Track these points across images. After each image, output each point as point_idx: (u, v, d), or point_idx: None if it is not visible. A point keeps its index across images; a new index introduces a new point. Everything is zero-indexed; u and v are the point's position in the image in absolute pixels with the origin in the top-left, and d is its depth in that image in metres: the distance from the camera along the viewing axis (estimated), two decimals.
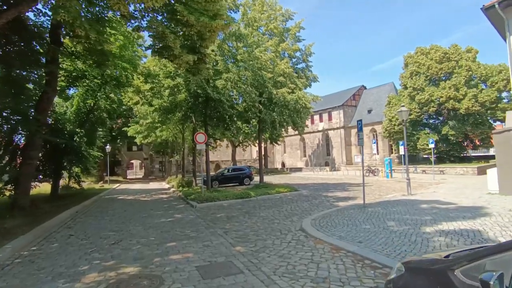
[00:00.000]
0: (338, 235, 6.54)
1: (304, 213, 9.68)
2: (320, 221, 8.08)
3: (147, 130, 24.79)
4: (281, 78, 15.17)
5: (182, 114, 16.06)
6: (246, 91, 13.63)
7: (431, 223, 7.07)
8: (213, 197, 13.17)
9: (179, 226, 8.47)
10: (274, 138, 19.49)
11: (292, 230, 7.39)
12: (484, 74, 29.35)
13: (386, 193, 14.31)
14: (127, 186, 29.71)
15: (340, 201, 12.02)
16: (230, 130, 18.03)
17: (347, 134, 43.69)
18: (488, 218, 7.17)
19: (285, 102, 15.25)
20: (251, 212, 10.22)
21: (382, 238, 6.11)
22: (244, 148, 46.53)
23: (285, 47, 16.51)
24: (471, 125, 29.00)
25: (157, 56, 8.65)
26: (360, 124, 9.91)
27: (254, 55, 14.25)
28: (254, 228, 7.75)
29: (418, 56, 32.34)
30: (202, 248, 6.03)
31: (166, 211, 11.39)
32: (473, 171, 23.67)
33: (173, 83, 14.11)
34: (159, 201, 15.30)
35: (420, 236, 6.05)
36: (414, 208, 9.10)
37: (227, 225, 8.28)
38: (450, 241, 5.62)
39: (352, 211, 9.18)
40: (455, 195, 11.53)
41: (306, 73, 18.49)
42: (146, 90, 17.16)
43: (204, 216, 9.99)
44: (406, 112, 12.58)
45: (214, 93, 12.86)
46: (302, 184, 21.64)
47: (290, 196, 14.30)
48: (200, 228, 8.01)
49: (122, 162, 51.74)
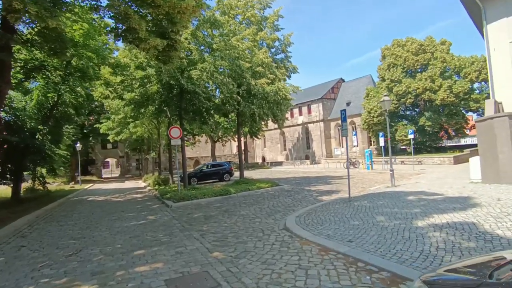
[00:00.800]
0: (325, 234, 5.99)
1: (288, 210, 9.11)
2: (305, 218, 7.52)
3: (120, 126, 23.38)
4: (259, 68, 14.45)
5: (155, 108, 14.99)
6: (223, 82, 12.82)
7: (422, 216, 6.67)
8: (191, 195, 12.36)
9: (151, 229, 7.65)
10: (254, 132, 18.83)
11: (276, 230, 6.78)
12: (458, 65, 30.03)
13: (369, 185, 14.05)
14: (100, 186, 28.13)
15: (323, 195, 11.57)
16: (208, 124, 17.15)
17: (326, 127, 43.76)
18: (479, 209, 6.86)
19: (265, 94, 14.58)
20: (231, 211, 9.53)
21: (374, 235, 5.61)
22: (224, 144, 45.69)
23: (263, 36, 15.79)
24: (446, 115, 29.67)
25: (120, 40, 7.73)
26: (344, 114, 9.41)
27: (231, 44, 13.43)
28: (234, 229, 7.07)
29: (394, 48, 32.61)
30: (175, 256, 5.28)
31: (139, 213, 10.47)
32: (449, 160, 24.12)
33: (143, 73, 13.01)
34: (133, 201, 14.27)
35: (414, 232, 5.60)
36: (401, 200, 8.74)
37: (204, 227, 7.54)
38: (446, 236, 5.19)
39: (338, 206, 8.69)
40: (439, 185, 11.36)
41: (285, 64, 17.90)
42: (117, 83, 15.94)
43: (180, 216, 9.20)
44: (389, 102, 12.26)
45: (189, 84, 11.95)
46: (284, 178, 21.18)
47: (271, 192, 13.73)
48: (174, 231, 7.23)
49: (96, 161, 49.55)
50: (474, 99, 29.31)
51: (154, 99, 14.40)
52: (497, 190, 9.13)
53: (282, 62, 18.01)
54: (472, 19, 17.18)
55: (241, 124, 17.44)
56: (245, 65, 13.47)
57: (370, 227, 6.16)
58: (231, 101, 14.15)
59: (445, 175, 15.69)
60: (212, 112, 15.63)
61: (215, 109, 15.76)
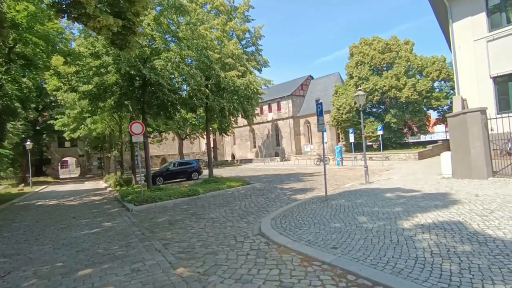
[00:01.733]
0: (306, 239, 5.35)
1: (261, 211, 8.41)
2: (282, 220, 6.86)
3: (76, 122, 21.29)
4: (229, 60, 13.57)
5: (114, 101, 13.55)
6: (189, 74, 11.79)
7: (405, 216, 6.26)
8: (155, 197, 11.26)
9: (104, 239, 6.57)
10: (224, 129, 17.93)
11: (250, 236, 6.04)
12: (420, 65, 31.18)
13: (342, 182, 13.77)
14: (55, 187, 25.65)
15: (298, 194, 11.03)
16: (174, 119, 15.96)
17: (296, 124, 43.78)
18: (461, 206, 6.60)
19: (235, 87, 13.73)
20: (199, 214, 8.64)
21: (359, 239, 5.06)
22: (192, 141, 44.19)
23: (233, 26, 14.92)
24: (410, 113, 30.68)
25: (65, 17, 6.50)
26: (320, 107, 8.88)
27: (198, 33, 12.41)
28: (203, 236, 6.22)
29: (362, 46, 33.15)
30: (129, 276, 4.35)
31: (94, 219, 9.22)
32: (414, 156, 24.88)
33: (98, 61, 11.58)
34: (89, 204, 12.82)
35: (401, 234, 5.12)
36: (380, 198, 8.38)
37: (168, 234, 6.61)
38: (437, 239, 4.75)
39: (315, 206, 8.14)
40: (413, 181, 11.27)
41: (256, 57, 17.15)
42: (71, 74, 14.23)
43: (141, 222, 8.15)
44: (363, 96, 11.98)
45: (151, 75, 10.79)
46: (254, 176, 20.52)
47: (243, 191, 12.99)
48: (132, 241, 6.23)
49: (52, 161, 45.87)
50: (435, 97, 30.65)
51: (113, 91, 12.97)
52: (472, 185, 9.09)
53: (253, 55, 17.25)
54: (438, 18, 17.58)
55: (210, 120, 16.45)
56: (214, 55, 12.53)
57: (353, 230, 5.62)
58: (198, 94, 13.15)
59: (414, 170, 15.89)
60: (179, 107, 14.49)
61: (181, 103, 14.64)
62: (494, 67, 12.92)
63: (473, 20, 13.70)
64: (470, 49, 13.81)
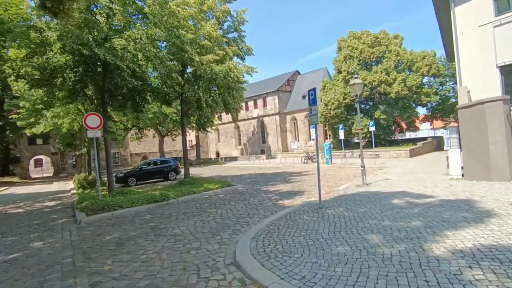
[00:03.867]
0: (299, 275, 3.65)
1: (240, 223, 6.67)
2: (265, 241, 5.13)
3: (32, 116, 18.83)
4: (205, 42, 11.69)
5: (68, 89, 11.42)
6: (157, 56, 9.86)
7: (431, 235, 4.65)
8: (114, 204, 9.30)
9: (17, 271, 4.66)
10: (202, 124, 15.95)
11: (220, 267, 4.29)
12: (410, 59, 30.17)
13: (335, 183, 12.19)
14: (16, 189, 23.04)
15: (285, 199, 9.34)
16: (142, 111, 13.91)
17: (282, 120, 42.22)
18: (501, 221, 5.04)
19: (213, 75, 11.86)
20: (161, 228, 6.80)
21: (378, 278, 3.38)
22: (174, 138, 41.89)
23: (211, 6, 13.02)
24: (400, 109, 29.63)
25: None
26: (314, 94, 7.20)
27: (169, 9, 10.47)
28: (153, 268, 4.41)
29: (351, 40, 31.87)
30: None
31: (25, 236, 7.21)
32: (405, 153, 23.76)
33: (36, 35, 9.41)
34: (36, 213, 10.70)
35: (439, 270, 3.48)
36: (387, 207, 6.76)
37: (108, 263, 4.77)
38: (497, 280, 3.13)
39: (307, 217, 6.44)
40: (417, 182, 9.76)
41: (239, 43, 15.30)
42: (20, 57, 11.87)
43: (82, 241, 6.24)
44: (360, 85, 10.38)
45: (107, 55, 8.80)
46: (238, 175, 18.77)
47: (222, 194, 11.22)
48: (52, 277, 4.35)
49: (22, 159, 42.53)
50: (425, 93, 29.69)
51: (65, 77, 10.85)
52: (496, 190, 7.56)
53: (235, 42, 15.40)
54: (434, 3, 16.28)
55: (186, 114, 14.52)
56: (187, 35, 10.62)
57: (365, 259, 3.95)
58: (168, 81, 11.20)
59: (411, 169, 14.52)
60: (148, 97, 12.49)
61: (151, 93, 12.65)
62: (502, 56, 11.57)
63: (478, 4, 12.36)
64: (474, 36, 12.48)
